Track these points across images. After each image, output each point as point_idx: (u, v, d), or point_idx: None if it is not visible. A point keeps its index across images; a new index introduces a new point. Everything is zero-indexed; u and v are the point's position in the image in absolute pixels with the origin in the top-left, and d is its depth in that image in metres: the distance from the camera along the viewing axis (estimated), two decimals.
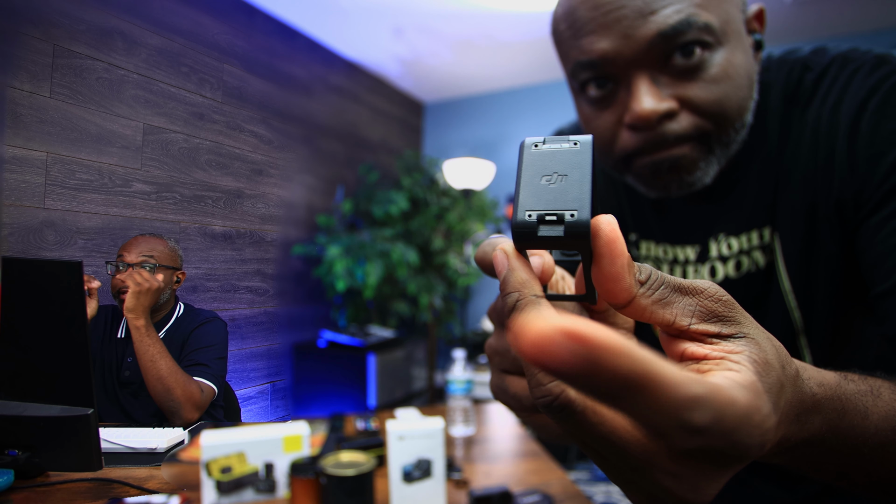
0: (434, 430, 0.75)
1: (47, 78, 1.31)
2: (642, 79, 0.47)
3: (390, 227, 2.44)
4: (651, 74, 0.47)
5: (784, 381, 0.22)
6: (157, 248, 1.16)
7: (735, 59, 0.47)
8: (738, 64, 0.48)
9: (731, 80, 0.47)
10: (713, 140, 0.49)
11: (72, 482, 0.77)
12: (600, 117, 0.51)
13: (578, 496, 0.83)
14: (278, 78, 2.08)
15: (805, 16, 2.36)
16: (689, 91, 0.47)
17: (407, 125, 3.29)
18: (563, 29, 0.50)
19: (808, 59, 0.55)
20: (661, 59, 0.46)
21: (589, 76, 0.49)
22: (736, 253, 0.59)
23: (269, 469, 0.73)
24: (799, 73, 0.55)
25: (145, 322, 1.03)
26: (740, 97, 0.48)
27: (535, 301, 0.22)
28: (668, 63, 0.46)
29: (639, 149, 0.50)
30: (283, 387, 1.80)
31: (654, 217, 0.65)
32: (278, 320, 1.85)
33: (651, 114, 0.46)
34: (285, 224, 2.00)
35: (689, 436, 0.17)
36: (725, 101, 0.47)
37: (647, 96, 0.46)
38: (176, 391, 1.02)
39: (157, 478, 0.82)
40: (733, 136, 0.50)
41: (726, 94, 0.47)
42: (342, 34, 2.45)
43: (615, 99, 0.50)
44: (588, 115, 0.53)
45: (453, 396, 1.13)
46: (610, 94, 0.50)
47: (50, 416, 0.72)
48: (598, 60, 0.47)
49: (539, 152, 0.24)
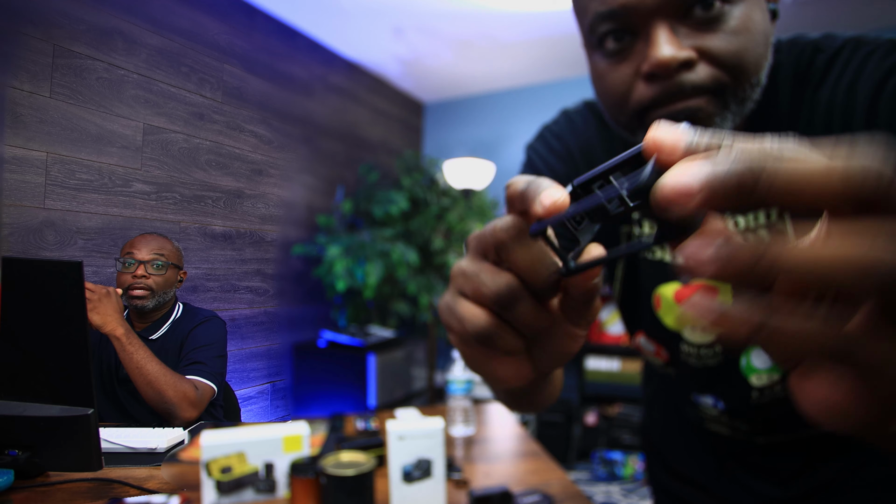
0: (434, 430, 0.75)
1: (47, 78, 1.31)
2: (662, 28, 0.46)
3: (390, 227, 2.44)
4: (671, 24, 0.47)
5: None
6: (166, 247, 1.16)
7: (754, 14, 0.48)
8: (757, 20, 0.48)
9: (749, 33, 0.47)
10: (728, 94, 0.49)
11: (72, 482, 0.77)
12: (616, 70, 0.51)
13: (578, 496, 0.83)
14: (278, 78, 2.08)
15: (805, 16, 2.36)
16: (707, 42, 0.47)
17: (407, 125, 3.29)
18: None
19: (818, 42, 0.56)
20: (681, 10, 0.46)
21: (608, 28, 0.49)
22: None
23: (269, 469, 0.73)
24: (810, 55, 0.55)
25: (124, 330, 1.02)
26: (758, 53, 0.48)
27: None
28: (689, 14, 0.46)
29: (654, 100, 0.50)
30: (283, 387, 1.80)
31: None
32: (278, 320, 1.86)
33: (670, 60, 0.46)
34: (285, 224, 2.00)
35: None
36: (744, 53, 0.47)
37: (666, 44, 0.46)
38: (167, 393, 1.01)
39: (157, 478, 0.82)
40: (749, 91, 0.50)
41: (745, 47, 0.47)
42: (342, 34, 2.45)
43: (633, 51, 0.50)
44: (603, 69, 0.52)
45: (453, 396, 1.13)
46: (627, 46, 0.50)
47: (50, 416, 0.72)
48: (619, 10, 0.47)
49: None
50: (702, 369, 0.66)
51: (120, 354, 1.01)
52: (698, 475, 0.79)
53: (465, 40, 2.59)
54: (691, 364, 0.67)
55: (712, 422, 0.72)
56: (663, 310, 0.66)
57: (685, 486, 0.81)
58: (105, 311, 1.01)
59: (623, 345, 2.88)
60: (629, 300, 0.73)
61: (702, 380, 0.68)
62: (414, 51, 2.70)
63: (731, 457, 0.73)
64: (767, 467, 0.70)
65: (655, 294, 0.67)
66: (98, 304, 1.01)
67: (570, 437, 2.88)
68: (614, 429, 2.78)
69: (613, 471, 2.66)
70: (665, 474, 0.85)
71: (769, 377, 0.61)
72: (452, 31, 2.50)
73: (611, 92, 0.52)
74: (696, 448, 0.79)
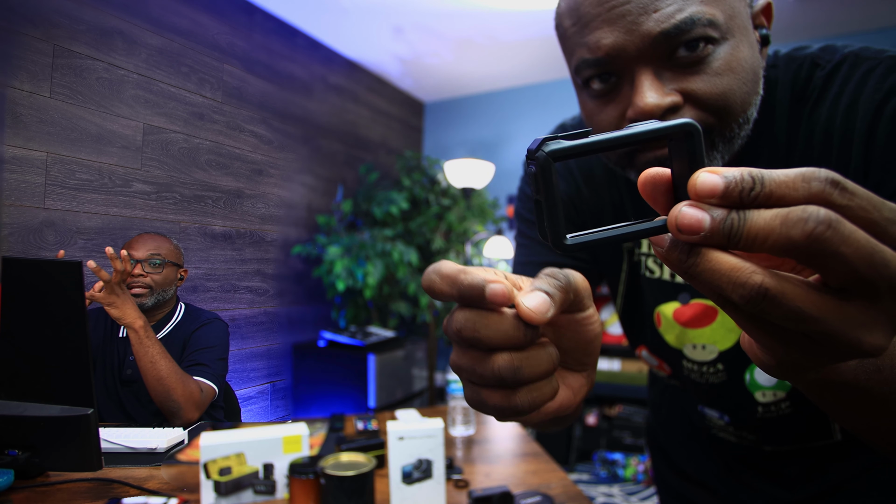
0: (434, 431, 0.74)
1: (47, 78, 1.31)
2: (646, 74, 0.46)
3: (390, 227, 2.44)
4: (655, 69, 0.47)
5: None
6: (164, 246, 1.16)
7: (740, 53, 0.47)
8: (743, 58, 0.47)
9: (734, 73, 0.47)
10: (715, 134, 0.49)
11: (72, 482, 0.77)
12: (603, 112, 0.51)
13: (579, 497, 0.83)
14: (278, 78, 2.08)
15: (807, 14, 2.36)
16: (692, 84, 0.46)
17: (407, 125, 3.29)
18: (568, 25, 0.50)
19: (817, 56, 0.55)
20: (664, 54, 0.46)
21: (593, 72, 0.49)
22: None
23: (269, 470, 0.73)
24: (808, 70, 0.54)
25: (143, 323, 1.02)
26: (744, 91, 0.48)
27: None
28: (673, 57, 0.46)
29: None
30: (283, 387, 1.80)
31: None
32: (278, 320, 1.85)
33: (654, 108, 0.46)
34: (285, 224, 2.00)
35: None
36: (729, 94, 0.47)
37: (650, 91, 0.46)
38: (176, 391, 1.02)
39: (157, 478, 0.82)
40: (736, 130, 0.49)
41: (730, 88, 0.47)
42: (342, 33, 2.45)
43: (619, 93, 0.50)
44: (591, 109, 0.53)
45: (453, 396, 1.13)
46: (613, 88, 0.50)
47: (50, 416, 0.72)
48: (603, 57, 0.47)
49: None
50: (704, 384, 0.66)
51: (135, 347, 1.01)
52: (705, 476, 0.78)
53: (465, 40, 2.59)
54: (694, 379, 0.67)
55: (719, 430, 0.72)
56: (664, 328, 0.66)
57: (692, 487, 0.81)
58: (122, 304, 1.01)
59: (623, 345, 2.88)
60: (631, 315, 0.73)
61: (706, 394, 0.68)
62: (414, 50, 2.69)
63: (739, 460, 0.73)
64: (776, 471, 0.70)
65: (656, 312, 0.67)
66: (114, 298, 1.01)
67: (570, 438, 2.88)
68: (615, 429, 2.78)
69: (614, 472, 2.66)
70: (671, 474, 0.85)
71: (774, 394, 0.61)
72: (452, 31, 2.50)
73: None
74: (703, 451, 0.78)
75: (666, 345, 0.67)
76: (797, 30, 2.49)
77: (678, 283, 0.64)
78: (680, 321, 0.64)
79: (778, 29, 0.59)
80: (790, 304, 0.20)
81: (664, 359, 0.69)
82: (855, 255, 0.19)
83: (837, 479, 0.66)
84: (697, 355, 0.64)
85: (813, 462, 0.67)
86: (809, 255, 0.19)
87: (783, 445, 0.67)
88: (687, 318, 0.63)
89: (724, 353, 0.62)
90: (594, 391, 2.92)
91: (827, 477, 0.66)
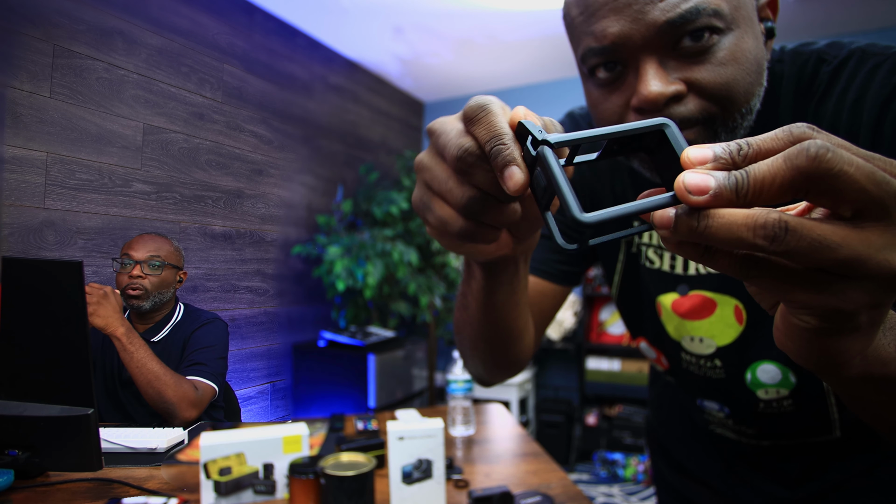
0: (434, 431, 0.74)
1: (47, 78, 1.31)
2: (650, 62, 0.47)
3: (390, 227, 2.44)
4: (659, 58, 0.47)
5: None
6: (164, 248, 1.16)
7: (744, 43, 0.47)
8: (748, 49, 0.48)
9: (738, 63, 0.47)
10: (718, 124, 0.49)
11: (72, 482, 0.77)
12: (608, 100, 0.51)
13: (579, 497, 0.83)
14: (278, 78, 2.08)
15: (807, 13, 2.36)
16: (696, 74, 0.47)
17: (407, 125, 3.29)
18: (575, 14, 0.50)
19: (823, 52, 0.55)
20: (669, 43, 0.46)
21: (598, 60, 0.50)
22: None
23: (269, 470, 0.73)
24: (814, 66, 0.54)
25: (125, 330, 1.02)
26: (748, 82, 0.48)
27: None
28: (677, 47, 0.46)
29: None
30: (283, 387, 1.80)
31: None
32: (278, 320, 1.86)
33: (658, 96, 0.46)
34: (285, 224, 2.00)
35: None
36: (733, 84, 0.47)
37: (654, 79, 0.46)
38: (167, 392, 1.02)
39: (157, 478, 0.82)
40: (739, 121, 0.50)
41: (734, 78, 0.47)
42: (342, 33, 2.45)
43: (623, 82, 0.50)
44: (596, 98, 0.53)
45: (453, 396, 1.13)
46: (618, 77, 0.50)
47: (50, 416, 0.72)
48: (609, 46, 0.48)
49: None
50: (703, 378, 0.66)
51: (121, 354, 1.01)
52: (706, 475, 0.78)
53: (465, 40, 2.59)
54: (693, 372, 0.67)
55: (718, 425, 0.72)
56: (664, 318, 0.66)
57: (692, 485, 0.81)
58: (105, 312, 1.01)
59: (623, 345, 2.88)
60: (629, 304, 0.73)
61: (705, 388, 0.68)
62: (414, 50, 2.69)
63: (739, 458, 0.73)
64: (776, 468, 0.70)
65: (657, 302, 0.67)
66: (98, 306, 1.01)
67: (570, 438, 2.88)
68: (615, 429, 2.78)
69: (615, 472, 2.66)
70: (671, 472, 0.85)
71: (777, 391, 0.61)
72: (452, 31, 2.50)
73: (604, 120, 0.53)
74: (703, 449, 0.78)
75: (666, 335, 0.67)
76: (797, 29, 2.49)
77: (677, 275, 0.64)
78: (678, 312, 0.64)
79: (778, 28, 0.58)
80: (812, 233, 0.20)
81: (663, 350, 0.69)
82: (858, 173, 0.20)
83: (838, 477, 0.66)
84: (695, 348, 0.64)
85: (813, 460, 0.67)
86: (817, 180, 0.20)
87: (782, 440, 0.67)
88: (685, 310, 0.63)
89: (722, 350, 0.62)
90: (595, 391, 2.92)
91: (827, 475, 0.66)
